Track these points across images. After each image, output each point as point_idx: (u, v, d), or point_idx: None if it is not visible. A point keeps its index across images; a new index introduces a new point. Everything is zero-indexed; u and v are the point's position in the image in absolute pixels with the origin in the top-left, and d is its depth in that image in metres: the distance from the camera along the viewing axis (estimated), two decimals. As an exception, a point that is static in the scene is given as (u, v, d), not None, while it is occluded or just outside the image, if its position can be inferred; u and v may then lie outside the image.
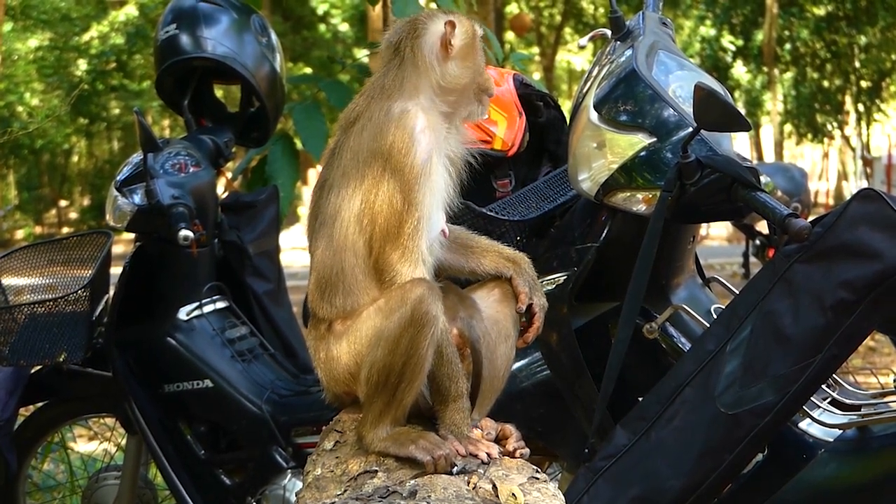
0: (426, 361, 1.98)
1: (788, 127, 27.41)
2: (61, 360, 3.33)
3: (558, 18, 25.43)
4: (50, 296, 3.42)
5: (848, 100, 26.12)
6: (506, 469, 2.00)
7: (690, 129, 2.29)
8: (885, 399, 2.52)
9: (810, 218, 2.32)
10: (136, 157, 3.43)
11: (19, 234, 23.24)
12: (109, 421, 3.95)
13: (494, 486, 1.93)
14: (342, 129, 2.14)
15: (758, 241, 5.94)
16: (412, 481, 1.93)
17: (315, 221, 2.13)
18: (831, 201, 26.68)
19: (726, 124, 2.23)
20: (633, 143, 2.39)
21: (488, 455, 2.02)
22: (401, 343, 1.96)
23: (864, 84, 25.67)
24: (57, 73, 20.61)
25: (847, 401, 2.50)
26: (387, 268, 2.04)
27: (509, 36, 19.54)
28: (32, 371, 3.56)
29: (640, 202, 2.41)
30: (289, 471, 3.35)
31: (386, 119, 2.07)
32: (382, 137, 2.05)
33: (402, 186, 2.03)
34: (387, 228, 2.03)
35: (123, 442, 3.66)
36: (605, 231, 2.51)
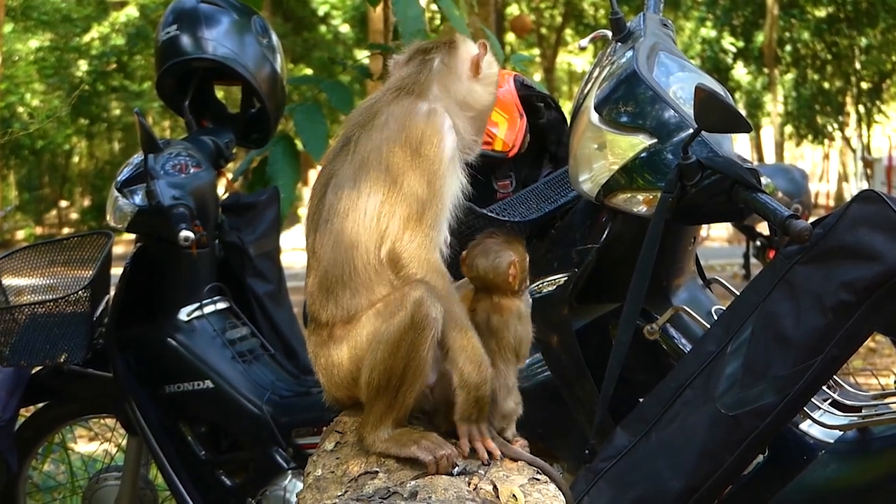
0: (427, 364, 1.98)
1: (789, 128, 27.42)
2: (62, 360, 3.32)
3: (559, 20, 25.45)
4: (51, 296, 3.42)
5: (848, 101, 26.13)
6: (507, 470, 2.00)
7: (691, 131, 2.29)
8: (886, 400, 2.52)
9: (811, 219, 2.32)
10: (137, 157, 3.43)
11: (20, 234, 23.25)
12: (110, 422, 3.95)
13: (495, 488, 1.93)
14: (358, 125, 2.15)
15: (758, 243, 5.94)
16: (413, 482, 1.93)
17: (318, 218, 2.12)
18: (832, 203, 26.69)
19: (727, 125, 2.23)
20: (634, 144, 2.39)
21: (490, 455, 2.02)
22: (401, 346, 1.96)
23: (864, 85, 25.69)
24: (58, 74, 20.64)
25: (847, 402, 2.50)
26: (404, 255, 2.03)
27: (510, 37, 19.54)
28: (33, 371, 3.56)
29: (640, 203, 2.40)
30: (289, 471, 3.35)
31: (414, 114, 2.10)
32: (411, 129, 2.07)
33: (430, 176, 2.05)
34: (408, 216, 2.03)
35: (124, 442, 3.66)
36: (606, 232, 2.51)
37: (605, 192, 2.43)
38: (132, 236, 3.57)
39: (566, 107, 3.09)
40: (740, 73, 25.40)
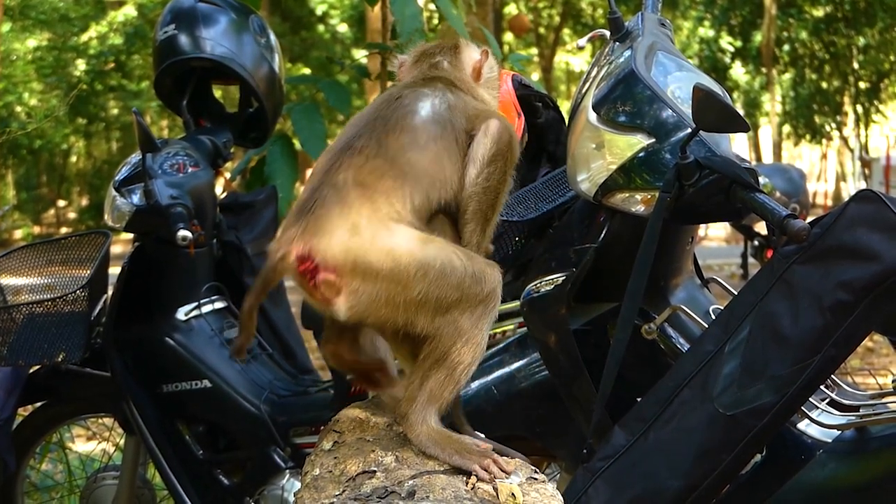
0: (485, 342, 1.96)
1: (787, 128, 27.45)
2: (60, 360, 3.32)
3: (557, 19, 25.47)
4: (48, 296, 3.42)
5: (846, 101, 26.17)
6: (504, 469, 2.00)
7: (689, 130, 2.29)
8: (884, 400, 2.52)
9: (809, 219, 2.32)
10: (135, 157, 3.43)
11: (18, 233, 23.23)
12: (108, 421, 3.96)
13: (494, 487, 1.93)
14: (404, 87, 2.14)
15: (756, 242, 5.96)
16: (410, 481, 1.93)
17: (380, 126, 2.02)
18: (830, 202, 26.75)
19: (725, 125, 2.23)
20: (632, 143, 2.39)
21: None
22: (476, 317, 1.93)
23: (862, 85, 25.72)
24: (55, 74, 20.61)
25: (845, 402, 2.50)
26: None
27: (508, 37, 19.57)
28: (31, 371, 3.56)
29: (638, 203, 2.40)
30: (287, 471, 3.35)
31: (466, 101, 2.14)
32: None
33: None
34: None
35: (122, 442, 3.66)
36: (604, 232, 2.51)
37: (603, 191, 2.43)
38: (130, 236, 3.57)
39: (564, 106, 3.09)
40: (738, 72, 25.43)
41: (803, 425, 2.43)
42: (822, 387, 2.41)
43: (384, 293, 1.89)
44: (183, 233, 3.13)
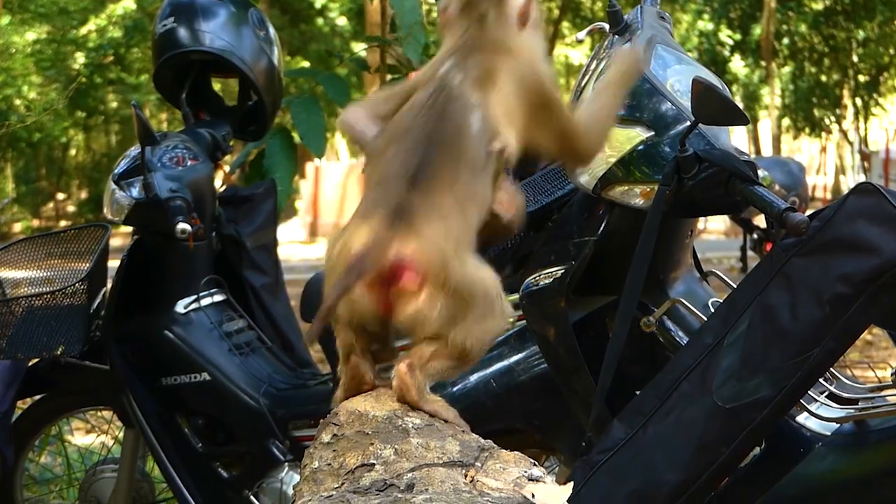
0: None
1: (786, 121, 27.44)
2: (59, 352, 3.32)
3: (556, 12, 25.43)
4: (47, 289, 3.41)
5: (846, 94, 26.16)
6: (503, 462, 2.00)
7: (688, 123, 2.29)
8: (883, 393, 2.51)
9: (808, 212, 2.32)
10: (134, 150, 3.43)
11: (17, 227, 23.22)
12: (107, 414, 3.95)
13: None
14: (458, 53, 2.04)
15: (755, 235, 5.95)
16: (409, 474, 1.93)
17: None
18: (829, 195, 26.74)
19: (724, 118, 2.23)
20: (631, 136, 2.39)
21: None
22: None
23: (861, 78, 25.73)
24: (55, 67, 20.59)
25: (844, 394, 2.50)
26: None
27: (507, 30, 19.49)
28: (30, 364, 3.56)
29: (637, 196, 2.40)
30: (286, 464, 3.35)
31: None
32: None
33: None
34: None
35: (121, 435, 3.66)
36: (603, 225, 2.50)
37: (602, 184, 2.43)
38: (129, 229, 3.57)
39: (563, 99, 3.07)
40: (737, 65, 25.41)
41: (802, 418, 2.43)
42: (821, 380, 2.41)
43: (453, 310, 1.89)
44: (182, 226, 3.12)
